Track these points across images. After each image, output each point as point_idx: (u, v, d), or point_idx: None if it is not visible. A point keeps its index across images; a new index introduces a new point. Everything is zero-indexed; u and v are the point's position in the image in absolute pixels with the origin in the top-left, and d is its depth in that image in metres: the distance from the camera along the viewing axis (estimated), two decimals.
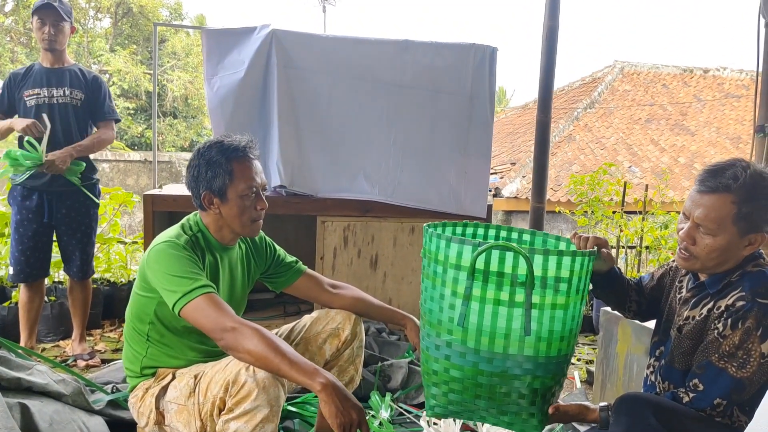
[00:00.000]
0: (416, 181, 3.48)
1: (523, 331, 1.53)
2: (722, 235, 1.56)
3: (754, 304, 1.50)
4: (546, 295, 1.53)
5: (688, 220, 1.62)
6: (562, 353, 1.61)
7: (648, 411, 1.45)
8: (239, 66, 3.28)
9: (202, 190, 1.84)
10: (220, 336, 1.63)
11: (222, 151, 1.83)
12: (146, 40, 17.98)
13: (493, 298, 1.53)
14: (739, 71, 15.04)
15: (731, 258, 1.60)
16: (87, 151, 3.19)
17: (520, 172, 10.78)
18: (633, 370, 2.58)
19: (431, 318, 1.65)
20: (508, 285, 1.52)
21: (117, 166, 10.57)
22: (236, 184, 1.83)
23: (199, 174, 1.83)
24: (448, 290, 1.59)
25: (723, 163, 1.59)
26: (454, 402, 1.65)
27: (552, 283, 1.53)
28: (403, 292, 3.53)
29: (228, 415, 1.63)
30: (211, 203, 1.85)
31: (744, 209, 1.52)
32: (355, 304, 2.11)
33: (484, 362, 1.57)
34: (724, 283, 1.62)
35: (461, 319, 1.55)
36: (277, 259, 2.13)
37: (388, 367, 2.92)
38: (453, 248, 1.57)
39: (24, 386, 1.97)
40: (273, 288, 2.19)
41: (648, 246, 4.28)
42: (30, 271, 3.16)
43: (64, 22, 3.14)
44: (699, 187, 1.59)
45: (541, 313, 1.54)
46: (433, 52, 3.43)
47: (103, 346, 3.52)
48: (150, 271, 1.75)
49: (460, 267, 1.55)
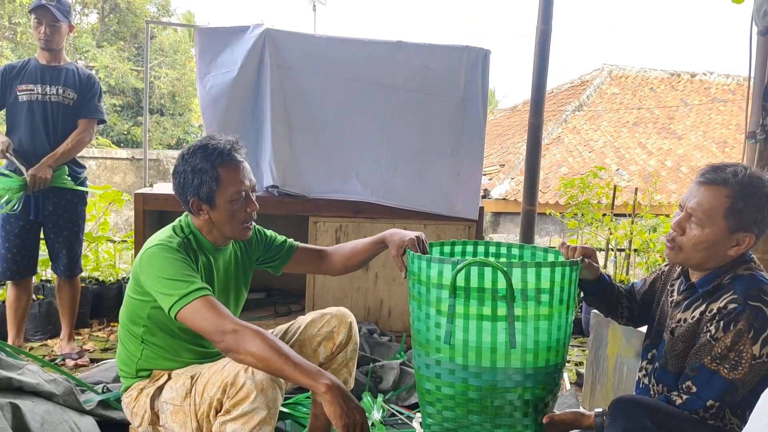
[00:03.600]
0: (408, 182, 3.48)
1: (509, 344, 1.56)
2: (711, 228, 1.59)
3: (745, 307, 1.52)
4: (528, 307, 1.56)
5: (683, 211, 1.65)
6: (551, 363, 1.63)
7: (643, 413, 1.46)
8: (232, 65, 3.27)
9: (190, 197, 1.81)
10: (221, 338, 1.61)
11: (206, 156, 1.78)
12: (133, 36, 17.83)
13: (476, 314, 1.56)
14: (726, 76, 15.21)
15: (716, 255, 1.62)
16: (64, 158, 3.11)
17: (509, 173, 10.84)
18: (623, 372, 2.60)
19: (420, 338, 1.68)
20: (490, 300, 1.55)
21: (104, 163, 10.50)
22: (224, 190, 1.79)
23: (185, 181, 1.80)
24: (433, 309, 1.62)
25: (727, 162, 1.63)
26: (449, 419, 1.68)
27: (533, 294, 1.56)
28: (394, 293, 3.53)
29: (225, 416, 1.62)
30: (200, 209, 1.82)
31: (737, 205, 1.56)
32: (349, 259, 2.13)
33: (473, 377, 1.60)
34: (714, 285, 1.63)
35: (447, 336, 1.59)
36: (269, 243, 2.12)
37: (380, 368, 2.93)
38: (434, 268, 1.61)
39: (15, 386, 1.95)
40: (273, 272, 2.18)
41: (637, 249, 4.32)
42: (17, 269, 3.13)
43: (61, 21, 3.11)
44: (698, 179, 1.64)
45: (525, 324, 1.57)
46: (426, 54, 3.43)
47: (92, 346, 3.49)
48: (144, 275, 1.73)
49: (442, 286, 1.59)
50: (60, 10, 3.08)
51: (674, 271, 1.85)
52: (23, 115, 3.10)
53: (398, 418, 2.60)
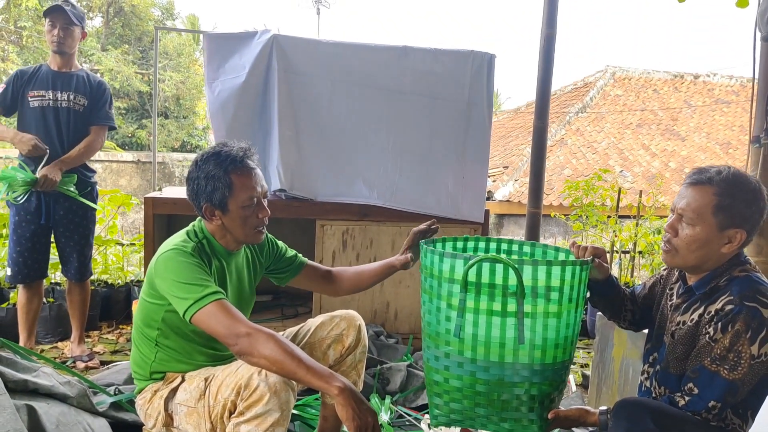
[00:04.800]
0: (414, 185, 3.50)
1: (517, 340, 1.58)
2: (701, 226, 1.62)
3: (742, 308, 1.55)
4: (538, 304, 1.58)
5: (674, 214, 1.70)
6: (558, 360, 1.65)
7: (647, 415, 1.48)
8: (240, 70, 3.30)
9: (203, 203, 1.84)
10: (235, 342, 1.64)
11: (219, 163, 1.82)
12: (138, 39, 17.92)
13: (486, 309, 1.58)
14: (729, 77, 15.21)
15: (711, 255, 1.65)
16: (75, 162, 3.16)
17: (513, 175, 10.85)
18: (629, 374, 2.62)
19: (430, 330, 1.70)
20: (500, 296, 1.57)
21: (110, 166, 10.54)
22: (236, 196, 1.83)
23: (199, 187, 1.83)
24: (444, 303, 1.65)
25: (711, 165, 1.69)
26: (456, 411, 1.70)
27: (543, 292, 1.58)
28: (401, 295, 3.56)
29: (239, 418, 1.65)
30: (213, 215, 1.86)
31: (723, 201, 1.60)
32: (355, 284, 2.19)
33: (482, 371, 1.62)
34: (711, 287, 1.67)
35: (457, 330, 1.61)
36: (279, 254, 2.16)
37: (387, 370, 2.95)
38: (446, 262, 1.63)
39: (30, 388, 1.98)
40: (277, 283, 2.22)
41: (641, 251, 4.34)
42: (28, 272, 3.17)
43: (75, 26, 3.15)
44: (686, 181, 1.69)
45: (534, 321, 1.59)
46: (431, 59, 3.46)
47: (102, 348, 3.52)
48: (159, 279, 1.77)
49: (454, 280, 1.61)
50: (74, 14, 3.13)
51: (673, 275, 1.88)
52: (34, 121, 3.14)
53: (406, 420, 2.62)
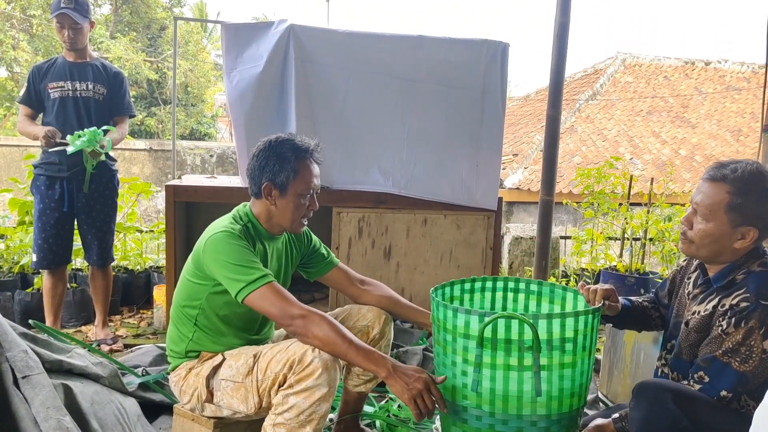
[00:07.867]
0: (429, 173, 3.56)
1: (534, 393, 1.61)
2: (714, 222, 1.67)
3: (757, 306, 1.59)
4: (553, 356, 1.61)
5: (691, 207, 1.75)
6: (574, 408, 1.69)
7: (668, 397, 1.54)
8: (258, 60, 3.35)
9: (265, 180, 1.93)
10: (289, 322, 1.74)
11: (293, 148, 1.93)
12: (146, 27, 17.92)
13: (503, 364, 1.61)
14: (741, 63, 15.07)
15: (725, 249, 1.70)
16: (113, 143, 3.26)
17: (523, 163, 10.86)
18: (640, 357, 2.68)
19: (446, 383, 1.73)
20: (516, 351, 1.60)
21: (122, 154, 10.62)
22: (298, 183, 1.93)
23: (266, 164, 1.92)
24: (459, 358, 1.68)
25: (734, 159, 1.71)
26: None
27: (558, 344, 1.61)
28: (415, 281, 3.63)
29: (288, 390, 1.73)
30: (269, 194, 1.94)
31: (736, 200, 1.63)
32: (382, 302, 2.19)
33: (500, 424, 1.65)
34: (729, 280, 1.71)
35: (475, 385, 1.65)
36: (313, 249, 2.23)
37: (403, 354, 3.03)
38: (460, 318, 1.65)
39: (65, 368, 2.06)
40: (306, 276, 2.29)
41: (652, 238, 4.38)
42: (52, 258, 3.26)
43: (82, 23, 3.21)
44: (704, 175, 1.73)
45: (551, 373, 1.62)
46: (446, 48, 3.50)
47: (124, 332, 3.62)
48: (209, 260, 1.84)
49: (469, 336, 1.64)
50: (79, 11, 3.18)
51: (691, 265, 1.93)
52: (54, 112, 3.22)
53: None
